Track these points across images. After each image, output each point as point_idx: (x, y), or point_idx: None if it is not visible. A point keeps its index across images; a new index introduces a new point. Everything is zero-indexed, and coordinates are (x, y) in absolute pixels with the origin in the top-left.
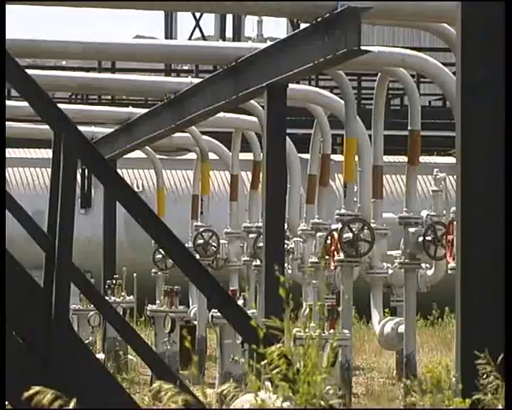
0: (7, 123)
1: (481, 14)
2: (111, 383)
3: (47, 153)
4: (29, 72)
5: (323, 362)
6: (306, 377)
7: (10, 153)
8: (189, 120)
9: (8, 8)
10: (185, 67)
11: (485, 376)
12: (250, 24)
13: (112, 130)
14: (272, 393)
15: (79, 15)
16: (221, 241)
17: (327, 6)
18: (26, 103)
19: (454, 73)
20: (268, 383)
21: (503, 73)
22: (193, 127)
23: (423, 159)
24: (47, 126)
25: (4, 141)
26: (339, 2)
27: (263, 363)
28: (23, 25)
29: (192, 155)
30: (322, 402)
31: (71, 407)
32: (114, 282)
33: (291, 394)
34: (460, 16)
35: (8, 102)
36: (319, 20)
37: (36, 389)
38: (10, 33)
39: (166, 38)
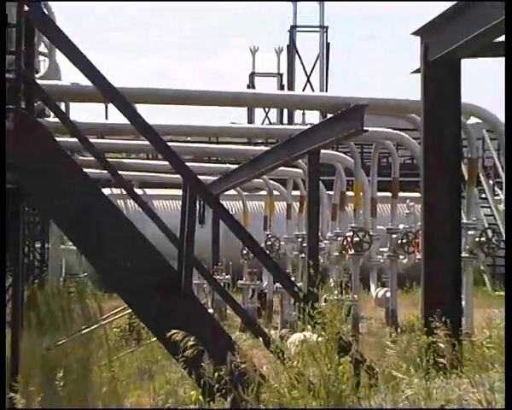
0: (156, 174)
1: (435, 111)
2: (217, 327)
3: (178, 192)
4: (169, 144)
5: (342, 314)
6: (331, 323)
7: (157, 191)
8: (261, 172)
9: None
10: (259, 141)
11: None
12: (298, 114)
13: (216, 178)
14: (312, 332)
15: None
16: (281, 243)
17: (343, 104)
18: (166, 162)
19: (419, 143)
20: (309, 326)
21: (449, 144)
22: (264, 176)
23: (400, 194)
24: (179, 175)
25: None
26: (351, 103)
27: (306, 314)
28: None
29: (263, 192)
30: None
31: (191, 342)
32: (218, 267)
33: (323, 333)
34: (423, 110)
35: (155, 162)
36: (339, 112)
37: (172, 331)
38: (159, 121)
39: (248, 122)
